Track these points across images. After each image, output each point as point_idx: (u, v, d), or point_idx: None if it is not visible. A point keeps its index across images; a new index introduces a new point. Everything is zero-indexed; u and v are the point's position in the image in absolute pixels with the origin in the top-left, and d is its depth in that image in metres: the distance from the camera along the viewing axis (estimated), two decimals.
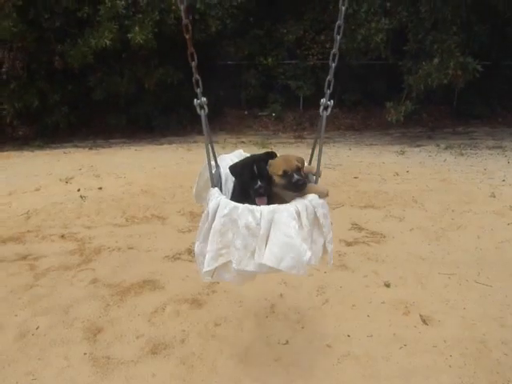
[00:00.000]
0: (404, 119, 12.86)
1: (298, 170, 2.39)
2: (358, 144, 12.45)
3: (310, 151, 2.68)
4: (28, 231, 5.58)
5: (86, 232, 5.55)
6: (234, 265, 2.23)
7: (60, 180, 8.11)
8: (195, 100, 2.42)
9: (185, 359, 3.10)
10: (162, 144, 13.02)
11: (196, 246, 2.43)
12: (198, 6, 12.72)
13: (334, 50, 2.35)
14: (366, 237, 5.25)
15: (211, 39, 14.07)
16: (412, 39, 12.54)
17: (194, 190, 2.83)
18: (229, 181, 2.75)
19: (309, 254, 2.21)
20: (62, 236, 5.42)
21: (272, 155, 2.63)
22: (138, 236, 5.40)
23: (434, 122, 15.89)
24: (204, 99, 2.43)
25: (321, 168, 2.45)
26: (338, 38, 2.32)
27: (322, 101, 2.35)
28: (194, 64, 2.37)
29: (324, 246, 2.42)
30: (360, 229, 5.50)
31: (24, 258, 4.80)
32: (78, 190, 7.33)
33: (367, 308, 3.73)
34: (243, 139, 13.80)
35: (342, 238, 5.18)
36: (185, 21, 2.29)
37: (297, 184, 2.35)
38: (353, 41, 13.14)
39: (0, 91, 12.75)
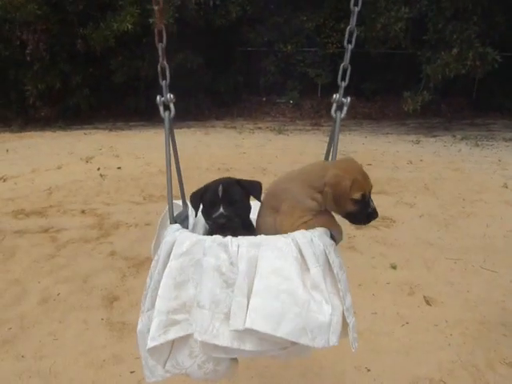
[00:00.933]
0: (421, 109, 12.83)
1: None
2: (374, 133, 12.47)
3: (326, 139, 2.05)
4: (50, 206, 5.84)
5: (105, 208, 5.78)
6: (196, 335, 1.34)
7: (81, 159, 8.37)
8: (158, 97, 1.76)
9: None
10: (180, 128, 13.19)
11: (140, 321, 1.53)
12: None
13: (345, 64, 1.69)
14: (377, 221, 5.34)
15: (231, 25, 14.16)
16: (432, 29, 12.45)
17: (152, 245, 1.81)
18: (199, 226, 1.87)
19: (327, 308, 1.37)
20: (83, 211, 5.66)
21: (256, 185, 1.74)
22: (155, 213, 5.59)
23: (453, 113, 15.77)
24: (171, 96, 1.74)
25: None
26: (350, 47, 1.69)
27: (335, 97, 1.71)
28: (161, 46, 1.74)
29: (342, 313, 1.48)
30: None
31: (46, 230, 5.05)
32: (98, 169, 7.57)
33: (373, 287, 3.86)
34: (260, 125, 13.92)
35: None
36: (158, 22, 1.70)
37: (372, 216, 1.54)
38: (372, 29, 13.11)
39: (23, 72, 13.09)
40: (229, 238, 1.39)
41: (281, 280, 1.32)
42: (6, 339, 3.13)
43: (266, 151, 9.42)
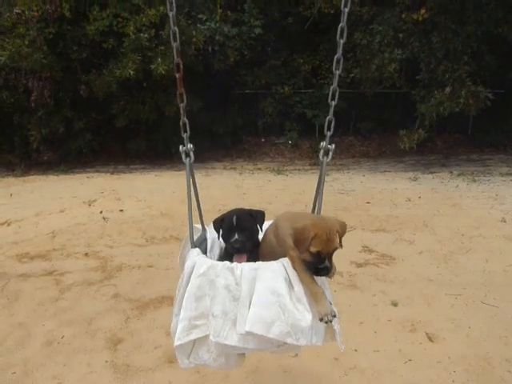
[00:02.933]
0: (417, 147, 13.08)
1: (333, 252, 1.88)
2: (371, 171, 12.63)
3: (325, 178, 2.35)
4: (54, 249, 5.90)
5: (108, 251, 5.84)
6: (211, 337, 1.83)
7: (83, 202, 8.47)
8: (181, 146, 2.19)
9: (199, 369, 3.26)
10: (180, 170, 13.35)
11: (172, 322, 2.02)
12: (217, 37, 13.28)
13: (333, 86, 2.19)
14: (376, 259, 5.41)
15: (229, 69, 14.59)
16: (424, 69, 12.83)
17: (178, 259, 2.32)
18: (215, 247, 2.38)
19: (308, 316, 1.77)
20: (86, 254, 5.72)
21: (260, 215, 2.29)
22: (157, 255, 5.66)
23: (449, 149, 16.01)
24: (190, 146, 2.19)
25: (334, 194, 2.15)
26: (338, 72, 2.18)
27: (322, 144, 2.18)
28: (182, 106, 2.17)
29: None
30: (370, 251, 5.67)
31: (50, 273, 5.10)
32: (101, 212, 7.66)
33: (374, 325, 3.87)
34: (259, 166, 14.10)
35: (353, 260, 5.35)
36: (176, 60, 2.15)
37: (320, 272, 1.87)
38: (367, 70, 13.51)
39: (28, 118, 13.43)
40: (235, 263, 1.86)
41: (272, 295, 1.78)
42: None
43: (266, 191, 9.54)
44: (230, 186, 10.18)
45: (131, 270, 5.21)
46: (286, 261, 1.87)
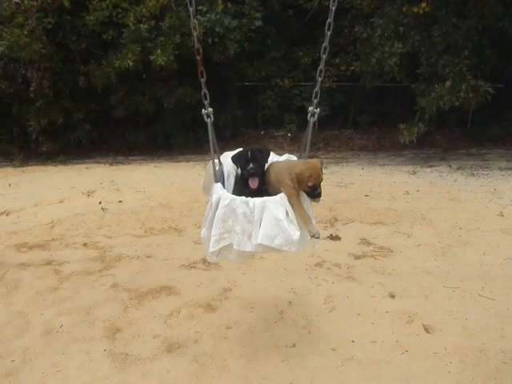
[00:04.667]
0: (417, 141, 13.05)
1: (321, 182, 2.77)
2: (371, 164, 12.62)
3: (323, 170, 2.98)
4: (52, 239, 5.92)
5: (107, 241, 5.85)
6: (234, 246, 2.69)
7: (82, 193, 8.48)
8: (203, 110, 2.89)
9: (198, 358, 3.31)
10: (179, 161, 13.37)
11: (202, 232, 2.88)
12: (217, 29, 13.19)
13: (321, 67, 3.02)
14: (374, 251, 5.43)
15: (229, 61, 14.51)
16: (425, 62, 12.78)
17: (202, 183, 3.24)
18: (231, 176, 3.16)
19: (298, 233, 2.64)
20: (85, 244, 5.74)
21: (263, 150, 3.17)
22: (155, 246, 5.68)
23: (448, 143, 15.98)
24: (210, 109, 2.90)
25: (332, 187, 2.93)
26: (324, 56, 3.05)
27: (310, 108, 2.97)
28: (203, 80, 2.87)
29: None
30: (368, 243, 5.68)
31: (49, 263, 5.11)
32: (100, 203, 7.67)
33: (372, 316, 3.90)
34: None
35: (351, 252, 5.37)
36: (197, 45, 2.85)
37: (316, 196, 2.78)
38: (367, 64, 13.47)
39: (27, 109, 13.37)
40: (249, 198, 2.69)
41: (275, 220, 2.63)
42: (9, 371, 3.17)
43: None
44: None
45: (130, 260, 5.23)
46: (283, 195, 2.72)
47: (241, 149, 3.26)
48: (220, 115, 15.17)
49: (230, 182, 3.15)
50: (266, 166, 3.15)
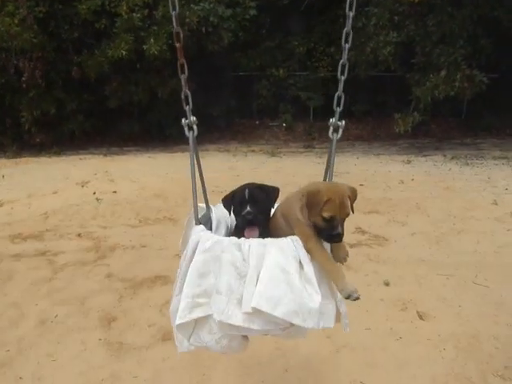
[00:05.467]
0: (412, 130, 13.06)
1: (345, 218, 1.83)
2: (365, 154, 12.63)
3: (319, 160, 2.38)
4: (47, 230, 5.89)
5: (102, 231, 5.83)
6: (214, 315, 1.70)
7: (76, 184, 8.44)
8: (183, 119, 2.06)
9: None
10: (174, 152, 13.33)
11: (172, 302, 1.88)
12: (211, 18, 13.09)
13: (343, 61, 2.07)
14: (369, 240, 5.45)
15: (224, 51, 14.42)
16: (420, 52, 12.76)
17: (181, 241, 2.14)
18: (221, 226, 2.23)
19: (317, 298, 1.70)
20: (79, 235, 5.72)
21: (267, 189, 2.19)
22: (150, 235, 5.66)
23: (443, 133, 16.03)
24: (194, 118, 2.06)
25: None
26: (347, 46, 2.07)
27: (332, 121, 1.97)
28: (183, 77, 2.03)
29: (336, 303, 1.90)
30: (363, 232, 5.70)
31: (43, 253, 5.09)
32: (94, 193, 7.64)
33: (367, 304, 3.90)
34: (254, 148, 14.08)
35: (346, 241, 5.30)
36: (176, 28, 1.97)
37: (333, 239, 1.83)
38: (362, 53, 13.42)
39: (19, 99, 13.27)
40: (242, 239, 1.78)
41: (281, 272, 1.66)
42: (4, 361, 3.16)
43: (259, 173, 9.53)
44: (224, 168, 10.16)
45: (124, 250, 5.22)
46: (295, 238, 1.78)
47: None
48: (215, 105, 15.13)
49: (220, 233, 2.17)
50: (273, 211, 2.20)
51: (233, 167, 10.40)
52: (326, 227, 1.76)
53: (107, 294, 4.14)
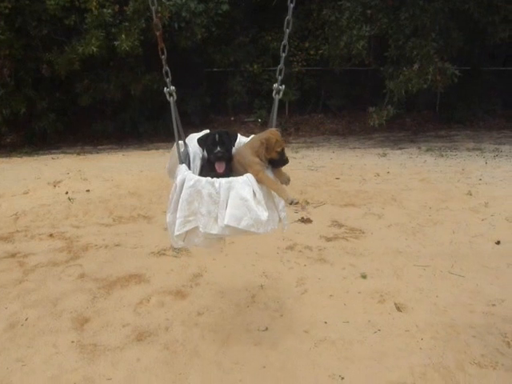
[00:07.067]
0: (387, 124, 13.14)
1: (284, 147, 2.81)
2: (341, 148, 12.68)
3: (294, 155, 3.03)
4: (17, 231, 5.71)
5: (74, 231, 5.69)
6: (200, 229, 2.59)
7: (48, 183, 8.22)
8: (165, 88, 2.79)
9: (168, 345, 3.24)
10: (149, 149, 13.16)
11: (167, 216, 2.75)
12: (183, 14, 12.93)
13: (284, 42, 2.86)
14: (346, 233, 5.44)
15: (197, 47, 14.29)
16: (393, 45, 12.82)
17: (167, 166, 3.11)
18: (196, 158, 3.03)
19: (265, 214, 2.55)
20: (51, 235, 5.55)
21: (231, 133, 3.00)
22: (124, 234, 5.55)
23: (418, 126, 16.23)
24: (173, 88, 2.80)
25: (303, 170, 2.81)
26: (288, 31, 2.80)
27: (275, 86, 2.93)
28: (163, 57, 2.73)
29: (278, 213, 2.82)
30: (340, 225, 5.69)
31: (13, 255, 4.93)
32: (66, 193, 7.45)
33: (344, 297, 3.90)
34: None
35: (322, 235, 5.36)
36: (155, 20, 2.70)
37: (285, 162, 2.81)
38: (336, 47, 13.44)
39: None
40: (215, 178, 2.57)
41: (242, 200, 2.52)
42: None
43: None
44: None
45: (98, 249, 5.09)
46: (249, 175, 2.62)
47: (207, 130, 3.14)
48: (189, 102, 14.98)
49: (196, 164, 3.02)
50: (234, 150, 3.02)
51: None
52: (278, 157, 2.77)
53: (80, 294, 4.02)
